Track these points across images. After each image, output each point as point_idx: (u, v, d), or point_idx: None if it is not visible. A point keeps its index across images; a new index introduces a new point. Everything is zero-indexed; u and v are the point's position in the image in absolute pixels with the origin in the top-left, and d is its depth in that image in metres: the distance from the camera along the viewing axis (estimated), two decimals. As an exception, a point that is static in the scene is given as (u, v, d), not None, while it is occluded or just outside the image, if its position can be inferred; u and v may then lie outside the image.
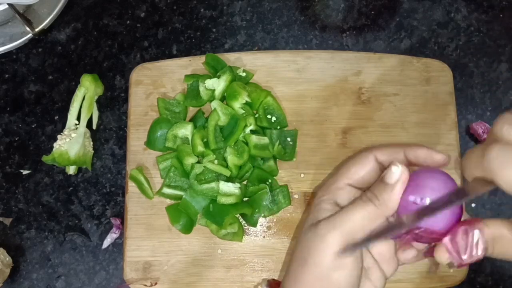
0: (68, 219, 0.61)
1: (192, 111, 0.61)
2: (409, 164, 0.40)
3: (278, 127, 0.60)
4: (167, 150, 0.60)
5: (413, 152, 0.39)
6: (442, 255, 0.35)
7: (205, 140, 0.58)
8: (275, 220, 0.59)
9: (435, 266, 0.56)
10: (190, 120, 0.60)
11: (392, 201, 0.36)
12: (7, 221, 0.61)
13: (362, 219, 0.36)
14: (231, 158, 0.57)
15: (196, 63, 0.63)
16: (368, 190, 0.38)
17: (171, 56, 0.65)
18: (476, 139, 0.62)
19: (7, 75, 0.65)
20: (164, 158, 0.59)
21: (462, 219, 0.37)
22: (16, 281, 0.60)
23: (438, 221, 0.35)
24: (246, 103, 0.59)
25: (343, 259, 0.36)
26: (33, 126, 0.63)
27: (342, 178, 0.41)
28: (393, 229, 0.36)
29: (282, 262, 0.58)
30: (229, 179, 0.57)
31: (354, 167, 0.41)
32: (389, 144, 0.42)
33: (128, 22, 0.67)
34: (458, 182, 0.58)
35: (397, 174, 0.36)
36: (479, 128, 0.61)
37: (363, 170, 0.41)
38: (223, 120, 0.58)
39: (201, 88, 0.60)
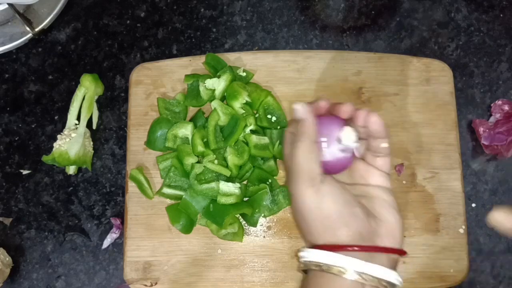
0: (68, 219, 0.61)
1: (192, 111, 0.61)
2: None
3: (278, 127, 0.60)
4: (167, 150, 0.60)
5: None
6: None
7: (205, 140, 0.58)
8: (275, 220, 0.59)
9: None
10: (190, 120, 0.60)
11: (310, 127, 0.43)
12: (7, 221, 0.61)
13: (301, 154, 0.42)
14: (231, 158, 0.56)
15: (196, 63, 0.62)
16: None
17: (171, 56, 0.65)
18: (476, 138, 0.62)
19: (7, 75, 0.65)
20: (164, 158, 0.59)
21: None
22: (16, 281, 0.60)
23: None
24: (246, 103, 0.59)
25: (320, 188, 0.41)
26: (33, 126, 0.63)
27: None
28: None
29: (282, 262, 0.58)
30: (229, 179, 0.57)
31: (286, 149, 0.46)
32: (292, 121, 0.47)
33: (128, 22, 0.67)
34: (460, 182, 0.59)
35: (301, 108, 0.44)
36: (481, 126, 0.61)
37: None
38: (223, 120, 0.58)
39: (201, 88, 0.60)
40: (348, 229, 0.41)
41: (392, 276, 0.40)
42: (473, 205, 0.61)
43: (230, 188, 0.56)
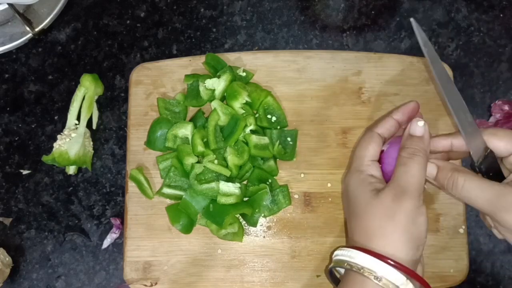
0: (68, 219, 0.61)
1: (192, 111, 0.61)
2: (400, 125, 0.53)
3: (278, 127, 0.60)
4: (167, 150, 0.60)
5: (399, 114, 0.53)
6: None
7: (205, 140, 0.58)
8: (275, 220, 0.59)
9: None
10: (190, 120, 0.60)
11: (428, 144, 0.48)
12: (7, 221, 0.61)
13: (419, 170, 0.46)
14: (231, 158, 0.56)
15: (196, 63, 0.62)
16: (401, 151, 0.48)
17: (171, 56, 0.65)
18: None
19: (7, 75, 0.65)
20: (164, 158, 0.59)
21: None
22: (16, 281, 0.60)
23: None
24: (246, 103, 0.59)
25: (421, 208, 0.45)
26: (33, 126, 0.63)
27: (365, 158, 0.51)
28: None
29: (282, 262, 0.58)
30: (229, 179, 0.57)
31: (371, 146, 0.51)
32: (378, 119, 0.54)
33: (128, 22, 0.67)
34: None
35: (422, 126, 0.48)
36: (480, 127, 0.61)
37: (377, 145, 0.51)
38: (223, 120, 0.58)
39: (201, 88, 0.60)
40: (418, 253, 0.45)
41: None
42: (473, 205, 0.61)
43: (230, 188, 0.56)
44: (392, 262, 0.43)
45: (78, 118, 0.61)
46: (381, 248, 0.44)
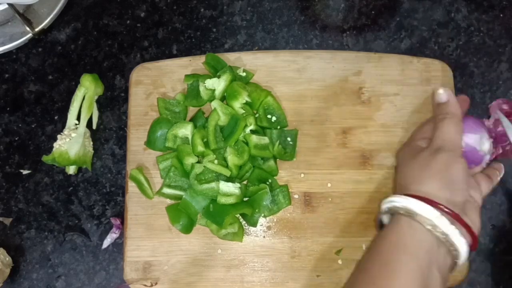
0: (68, 219, 0.61)
1: (192, 111, 0.61)
2: None
3: (278, 127, 0.60)
4: (167, 150, 0.60)
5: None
6: None
7: (205, 140, 0.58)
8: (275, 220, 0.59)
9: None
10: (190, 120, 0.60)
11: (455, 106, 0.54)
12: (7, 221, 0.61)
13: (451, 129, 0.52)
14: (231, 158, 0.56)
15: (196, 63, 0.63)
16: (435, 118, 0.55)
17: (171, 56, 0.65)
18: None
19: (7, 75, 0.65)
20: (164, 158, 0.59)
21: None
22: (16, 281, 0.60)
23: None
24: (246, 103, 0.59)
25: (456, 158, 0.50)
26: (33, 126, 0.63)
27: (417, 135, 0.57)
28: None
29: (282, 262, 0.58)
30: (229, 179, 0.57)
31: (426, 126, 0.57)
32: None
33: (128, 22, 0.67)
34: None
35: (443, 93, 0.55)
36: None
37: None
38: (223, 120, 0.58)
39: (201, 88, 0.60)
40: (455, 195, 0.48)
41: (464, 247, 0.47)
42: (473, 205, 0.61)
43: (230, 188, 0.56)
44: (430, 201, 0.47)
45: (78, 118, 0.61)
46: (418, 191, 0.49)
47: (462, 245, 0.47)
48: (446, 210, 0.47)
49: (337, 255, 0.58)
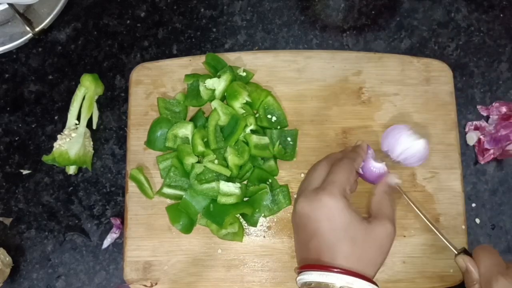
0: (68, 219, 0.61)
1: (192, 110, 0.61)
2: None
3: (279, 127, 0.60)
4: (167, 150, 0.60)
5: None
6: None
7: (205, 140, 0.58)
8: (275, 220, 0.59)
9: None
10: (190, 120, 0.60)
11: (361, 158, 0.53)
12: (7, 221, 0.61)
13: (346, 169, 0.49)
14: (232, 158, 0.56)
15: (196, 63, 0.63)
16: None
17: (171, 56, 0.65)
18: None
19: (7, 75, 0.65)
20: (164, 158, 0.59)
21: None
22: (16, 281, 0.59)
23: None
24: (246, 103, 0.59)
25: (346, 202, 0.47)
26: (33, 126, 0.63)
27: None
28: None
29: (282, 262, 0.58)
30: (229, 179, 0.57)
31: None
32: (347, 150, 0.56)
33: (128, 22, 0.67)
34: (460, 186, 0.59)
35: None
36: (480, 132, 0.61)
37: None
38: (223, 120, 0.58)
39: (201, 88, 0.60)
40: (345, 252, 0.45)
41: None
42: (473, 205, 0.61)
43: (230, 188, 0.56)
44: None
45: (78, 118, 0.61)
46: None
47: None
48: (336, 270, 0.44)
49: (337, 255, 0.58)
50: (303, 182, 0.53)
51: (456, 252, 0.51)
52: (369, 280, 0.45)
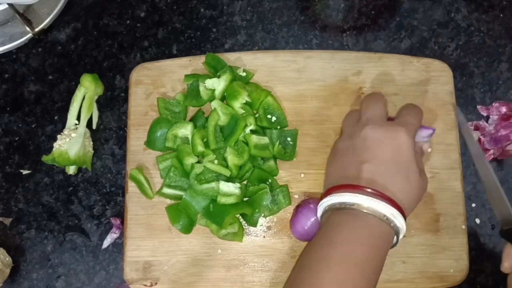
0: (68, 219, 0.61)
1: (192, 111, 0.61)
2: None
3: (278, 127, 0.60)
4: (167, 150, 0.60)
5: None
6: None
7: (205, 140, 0.58)
8: (275, 220, 0.59)
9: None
10: (190, 120, 0.60)
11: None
12: (7, 221, 0.61)
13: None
14: (231, 158, 0.56)
15: (196, 63, 0.63)
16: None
17: (171, 56, 0.65)
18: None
19: (7, 75, 0.65)
20: (164, 158, 0.59)
21: None
22: (16, 281, 0.60)
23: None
24: (246, 103, 0.59)
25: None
26: (33, 126, 0.63)
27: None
28: None
29: (282, 262, 0.58)
30: (229, 179, 0.57)
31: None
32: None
33: (128, 22, 0.67)
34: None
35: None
36: (480, 132, 0.62)
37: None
38: (223, 120, 0.58)
39: (201, 88, 0.60)
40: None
41: (398, 219, 0.46)
42: (473, 205, 0.61)
43: (230, 188, 0.56)
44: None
45: (78, 118, 0.61)
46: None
47: (392, 215, 0.46)
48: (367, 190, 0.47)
49: (337, 255, 0.58)
50: (347, 121, 0.56)
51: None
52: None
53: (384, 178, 0.47)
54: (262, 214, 0.58)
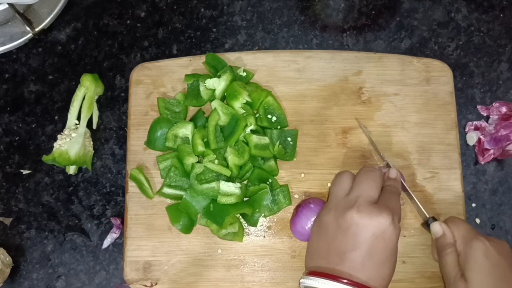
0: (68, 219, 0.61)
1: (192, 110, 0.61)
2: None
3: (279, 127, 0.60)
4: (167, 150, 0.60)
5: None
6: None
7: (205, 140, 0.58)
8: (275, 220, 0.59)
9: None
10: (190, 120, 0.60)
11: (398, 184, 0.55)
12: (7, 221, 0.61)
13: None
14: (232, 158, 0.56)
15: (196, 63, 0.63)
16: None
17: (171, 55, 0.65)
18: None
19: (7, 75, 0.65)
20: (164, 158, 0.59)
21: None
22: (16, 281, 0.60)
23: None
24: (247, 103, 0.59)
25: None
26: (33, 126, 0.63)
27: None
28: None
29: (282, 262, 0.58)
30: (229, 179, 0.57)
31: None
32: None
33: (128, 22, 0.67)
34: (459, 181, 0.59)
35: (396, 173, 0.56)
36: (480, 133, 0.61)
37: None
38: (223, 120, 0.58)
39: (202, 88, 0.60)
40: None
41: None
42: (473, 205, 0.61)
43: (231, 188, 0.56)
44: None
45: (78, 118, 0.61)
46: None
47: None
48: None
49: (337, 255, 0.58)
50: (336, 190, 0.53)
51: (428, 217, 0.55)
52: None
53: (363, 269, 0.47)
54: (262, 214, 0.58)
